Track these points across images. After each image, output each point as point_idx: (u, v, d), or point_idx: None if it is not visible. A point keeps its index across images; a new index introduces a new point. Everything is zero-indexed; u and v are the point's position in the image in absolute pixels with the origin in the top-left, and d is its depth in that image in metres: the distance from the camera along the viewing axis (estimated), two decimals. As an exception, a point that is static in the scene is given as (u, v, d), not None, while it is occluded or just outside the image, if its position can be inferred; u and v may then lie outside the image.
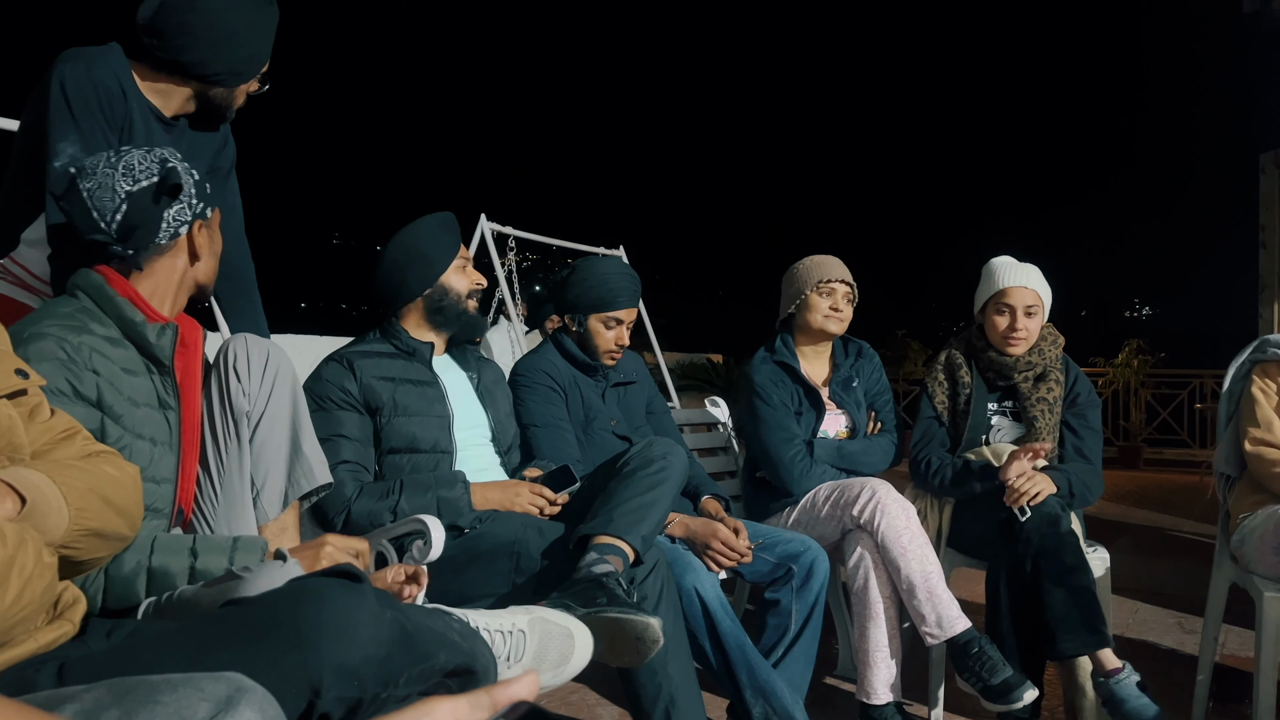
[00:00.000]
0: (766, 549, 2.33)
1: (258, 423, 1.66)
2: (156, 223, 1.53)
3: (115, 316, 1.49)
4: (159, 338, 1.50)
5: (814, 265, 2.78)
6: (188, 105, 2.03)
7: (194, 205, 1.58)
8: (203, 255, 1.62)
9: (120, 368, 1.45)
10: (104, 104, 1.86)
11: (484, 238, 6.01)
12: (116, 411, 1.42)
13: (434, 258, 2.19)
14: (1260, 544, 2.22)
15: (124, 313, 1.49)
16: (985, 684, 2.14)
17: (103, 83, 1.86)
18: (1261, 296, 5.54)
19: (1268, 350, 2.45)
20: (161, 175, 1.53)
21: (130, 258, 1.53)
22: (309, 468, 1.72)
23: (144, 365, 1.50)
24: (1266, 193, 5.53)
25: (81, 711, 0.82)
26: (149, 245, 1.53)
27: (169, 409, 1.53)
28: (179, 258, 1.58)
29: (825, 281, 2.73)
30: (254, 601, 1.09)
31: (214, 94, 2.02)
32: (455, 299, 2.20)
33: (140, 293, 1.54)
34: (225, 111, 2.07)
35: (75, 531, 1.11)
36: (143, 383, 1.49)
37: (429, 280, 2.18)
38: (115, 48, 1.93)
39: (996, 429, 2.67)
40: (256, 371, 1.66)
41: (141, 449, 1.44)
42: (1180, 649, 3.13)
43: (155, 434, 1.49)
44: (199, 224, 1.60)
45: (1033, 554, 2.22)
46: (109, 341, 1.46)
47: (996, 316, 2.64)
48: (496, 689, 0.71)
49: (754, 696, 2.07)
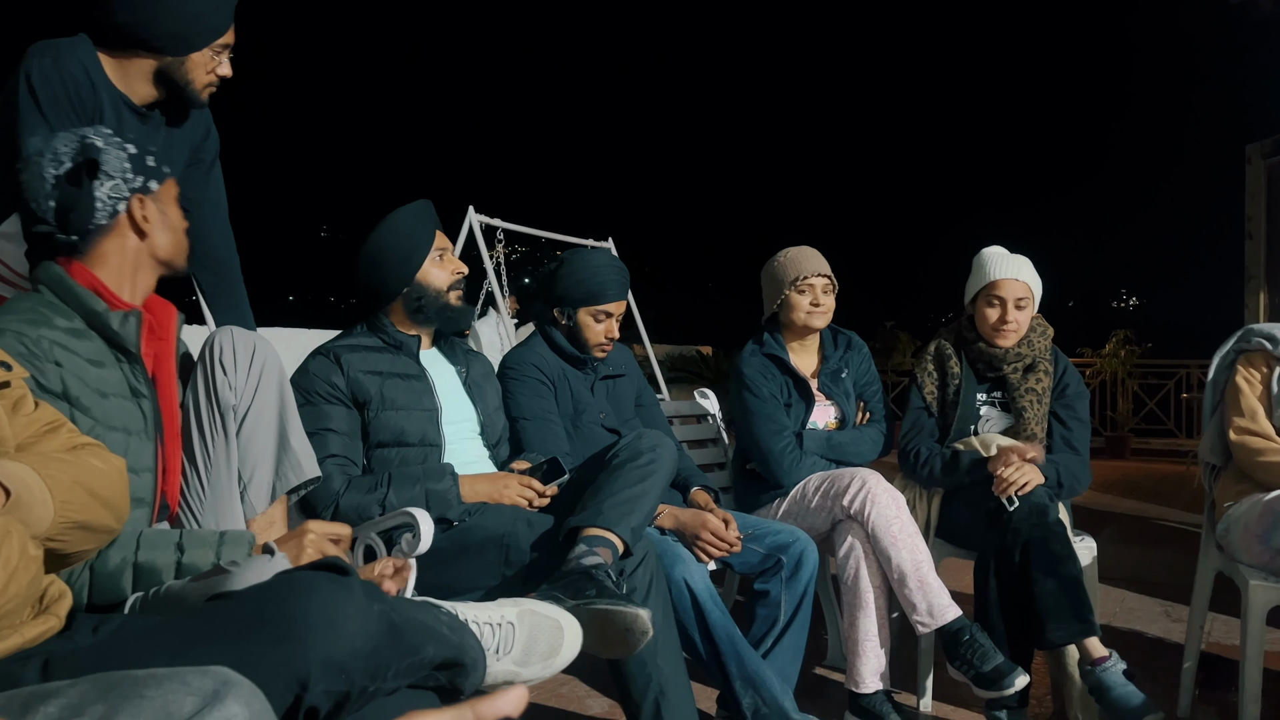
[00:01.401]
0: (755, 540, 2.34)
1: (244, 416, 1.65)
2: (90, 203, 1.49)
3: (77, 307, 1.47)
4: (122, 325, 1.48)
5: (788, 262, 2.76)
6: (152, 88, 1.98)
7: (130, 180, 1.54)
8: (152, 230, 1.57)
9: (85, 359, 1.43)
10: (72, 97, 1.84)
11: (472, 230, 5.99)
12: (84, 404, 1.40)
13: (407, 255, 2.15)
14: (1245, 532, 2.23)
15: (85, 303, 1.47)
16: (977, 671, 2.15)
17: (70, 75, 1.84)
18: (1247, 287, 5.58)
19: (1252, 340, 2.46)
20: (82, 154, 1.49)
21: (76, 244, 1.50)
22: (296, 461, 1.72)
23: (112, 355, 1.49)
24: (1252, 184, 5.56)
25: (67, 706, 0.81)
26: (89, 228, 1.50)
27: (142, 397, 1.51)
28: (125, 237, 1.55)
29: (803, 278, 2.72)
30: (241, 596, 1.09)
31: (167, 67, 1.95)
32: (435, 294, 2.18)
33: (103, 281, 1.51)
34: (187, 91, 2.00)
35: (61, 524, 1.10)
36: (111, 373, 1.47)
37: (406, 279, 2.15)
38: (83, 39, 1.90)
39: (985, 419, 2.68)
40: (243, 365, 1.65)
41: (115, 440, 1.43)
42: (1167, 637, 3.15)
43: (129, 424, 1.47)
44: (139, 198, 1.55)
45: (1021, 544, 2.23)
46: (72, 334, 1.44)
47: (987, 308, 2.64)
48: (481, 703, 0.70)
49: (743, 687, 2.08)
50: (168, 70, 1.96)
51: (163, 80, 1.98)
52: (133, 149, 1.56)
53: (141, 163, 1.57)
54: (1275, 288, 5.47)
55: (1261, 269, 5.52)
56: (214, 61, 2.00)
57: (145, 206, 1.57)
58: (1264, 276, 5.51)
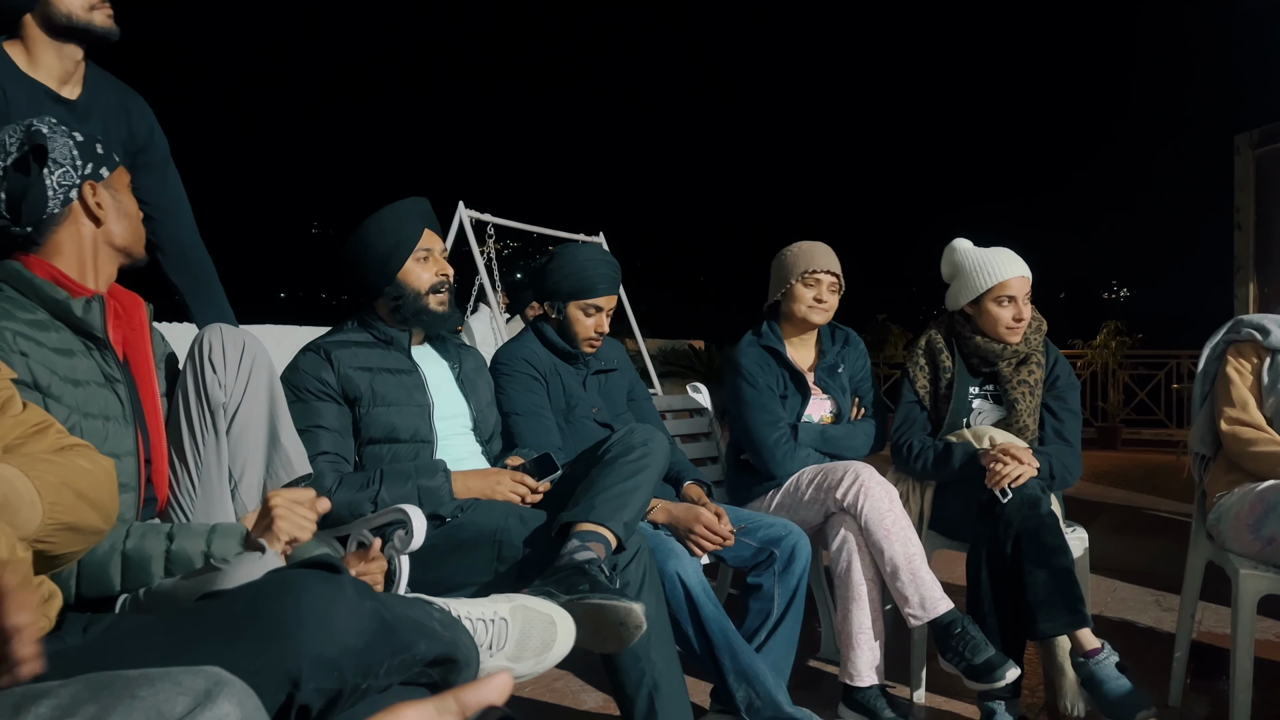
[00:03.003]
0: (748, 534, 2.34)
1: (234, 414, 1.64)
2: (41, 192, 1.48)
3: (38, 299, 1.46)
4: (85, 311, 1.47)
5: (801, 254, 2.77)
6: (57, 53, 1.93)
7: (80, 167, 1.52)
8: (106, 217, 1.55)
9: (52, 350, 1.43)
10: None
11: (462, 225, 5.97)
12: (55, 392, 1.39)
13: (388, 253, 2.14)
14: (1235, 522, 2.24)
15: (45, 293, 1.46)
16: (968, 663, 2.16)
17: None
18: (1237, 277, 5.59)
19: (1242, 330, 2.47)
20: (29, 142, 1.48)
21: (31, 236, 1.49)
22: (287, 459, 1.71)
23: (81, 344, 1.48)
24: (1241, 174, 5.57)
25: (58, 706, 0.81)
26: (42, 218, 1.48)
27: (117, 382, 1.50)
28: (81, 225, 1.53)
29: (811, 272, 2.72)
30: (231, 594, 1.09)
31: (43, 14, 1.90)
32: (413, 295, 2.15)
33: (63, 270, 1.50)
34: (74, 26, 1.93)
35: (49, 526, 1.09)
36: (82, 361, 1.46)
37: (386, 277, 2.14)
38: None
39: (978, 412, 2.69)
40: (233, 362, 1.64)
41: (93, 427, 1.42)
42: (1158, 627, 3.17)
43: (106, 410, 1.47)
44: (90, 184, 1.54)
45: (1013, 536, 2.24)
46: (36, 325, 1.43)
47: (999, 309, 2.61)
48: (465, 691, 0.69)
49: (737, 680, 2.08)
50: (46, 19, 1.91)
51: (53, 32, 1.92)
52: (80, 136, 1.54)
53: (90, 149, 1.55)
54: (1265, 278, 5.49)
55: (1251, 260, 5.53)
56: None
57: (98, 193, 1.55)
58: (1253, 267, 5.52)
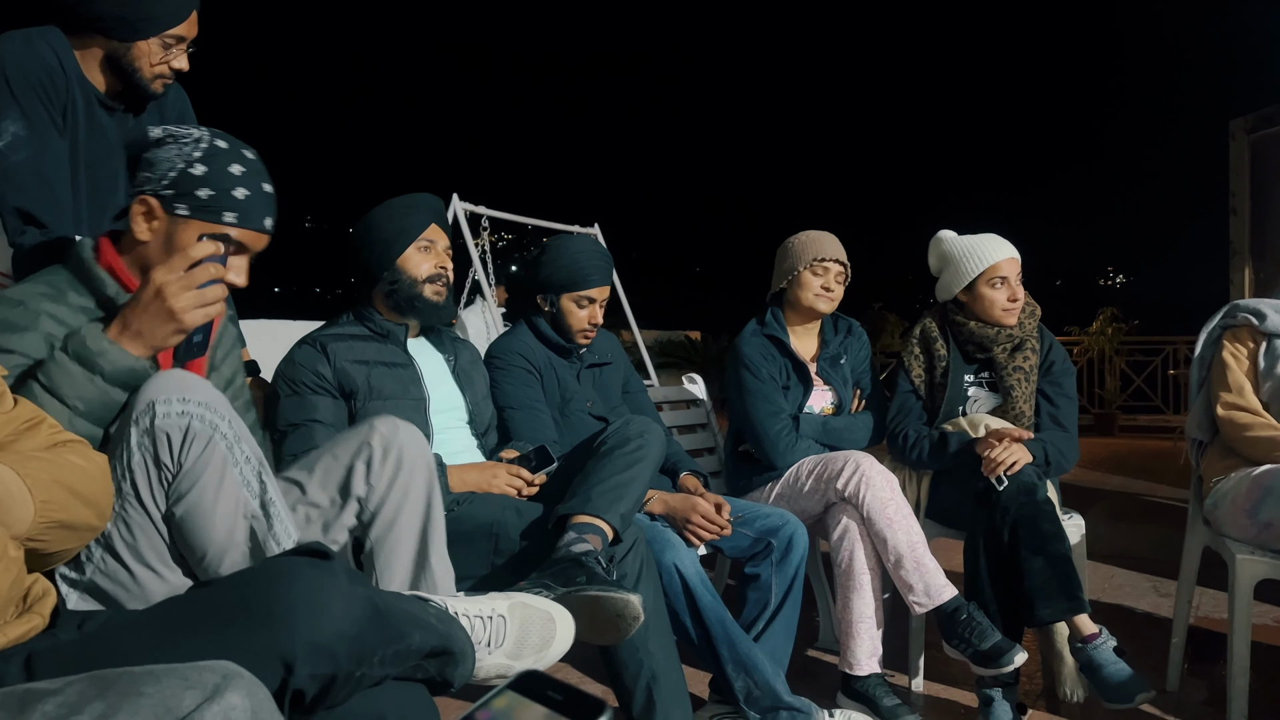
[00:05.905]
0: (745, 524, 2.34)
1: (372, 519, 1.60)
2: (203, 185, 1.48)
3: (90, 288, 1.46)
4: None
5: (809, 242, 2.76)
6: (106, 75, 1.94)
7: (216, 211, 1.51)
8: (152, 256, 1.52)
9: None
10: (44, 80, 1.82)
11: (457, 218, 5.96)
12: None
13: (390, 239, 2.14)
14: (1232, 507, 2.24)
15: (97, 284, 1.46)
16: (975, 649, 2.16)
17: (42, 58, 1.82)
18: (1232, 262, 5.59)
19: (1238, 315, 2.47)
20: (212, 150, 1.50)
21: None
22: (433, 586, 1.61)
23: None
24: (1236, 159, 5.57)
25: (65, 704, 0.81)
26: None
27: None
28: (157, 238, 1.50)
29: (819, 260, 2.72)
30: (224, 582, 1.10)
31: (114, 52, 1.91)
32: (410, 282, 2.13)
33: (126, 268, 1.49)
34: (134, 79, 1.94)
35: (41, 524, 1.09)
36: None
37: (385, 262, 2.13)
38: (54, 29, 1.88)
39: (974, 400, 2.68)
40: (391, 463, 1.58)
41: None
42: (1155, 612, 3.18)
43: None
44: (188, 224, 1.50)
45: (1010, 523, 2.24)
46: (83, 312, 1.43)
47: (993, 291, 2.61)
48: None
49: (735, 670, 2.08)
50: (115, 55, 1.92)
51: (112, 67, 1.93)
52: (262, 189, 1.54)
53: (250, 210, 1.53)
54: (1260, 263, 5.49)
55: (1246, 244, 5.53)
56: (165, 53, 1.94)
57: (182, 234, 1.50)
58: (1248, 252, 5.53)
